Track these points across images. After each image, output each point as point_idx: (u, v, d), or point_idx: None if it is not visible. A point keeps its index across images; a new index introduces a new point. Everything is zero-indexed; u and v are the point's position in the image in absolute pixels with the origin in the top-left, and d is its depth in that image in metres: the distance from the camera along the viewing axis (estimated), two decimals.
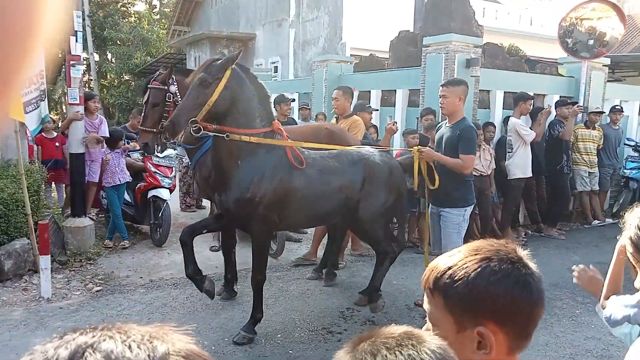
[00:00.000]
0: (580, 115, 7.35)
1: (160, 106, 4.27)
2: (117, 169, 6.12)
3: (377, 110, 7.30)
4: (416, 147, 4.30)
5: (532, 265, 0.98)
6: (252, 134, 3.53)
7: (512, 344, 0.93)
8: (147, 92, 4.35)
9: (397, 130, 5.50)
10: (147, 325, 0.54)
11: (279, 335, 3.89)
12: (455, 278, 0.92)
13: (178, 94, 4.26)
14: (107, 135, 6.31)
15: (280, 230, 5.14)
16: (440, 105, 4.14)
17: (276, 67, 14.83)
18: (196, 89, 3.38)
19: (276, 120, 3.79)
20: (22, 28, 0.38)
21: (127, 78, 21.12)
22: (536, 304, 0.94)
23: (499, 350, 0.90)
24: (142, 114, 4.39)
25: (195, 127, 3.35)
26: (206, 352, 0.52)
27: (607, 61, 8.08)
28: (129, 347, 0.46)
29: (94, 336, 0.48)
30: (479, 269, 0.91)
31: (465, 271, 0.92)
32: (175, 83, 4.30)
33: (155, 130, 4.28)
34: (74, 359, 0.45)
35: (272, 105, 3.94)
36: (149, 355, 0.46)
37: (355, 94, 7.62)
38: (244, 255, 5.07)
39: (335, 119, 5.43)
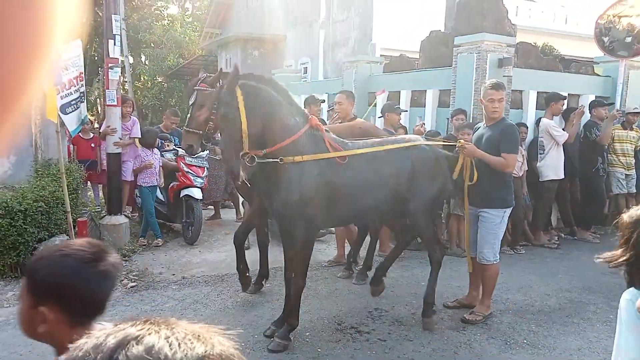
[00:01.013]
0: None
1: (207, 108, 4.25)
2: (155, 170, 6.33)
3: (406, 111, 7.27)
4: (460, 142, 4.22)
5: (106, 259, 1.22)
6: (296, 140, 3.50)
7: (72, 319, 1.16)
8: (194, 94, 4.34)
9: (425, 131, 5.50)
10: (196, 323, 0.56)
11: (307, 334, 3.94)
12: (37, 267, 1.20)
13: None
14: (139, 135, 6.53)
15: (329, 227, 5.11)
16: (494, 109, 4.07)
17: (306, 68, 14.91)
18: (226, 127, 3.41)
19: (312, 116, 3.74)
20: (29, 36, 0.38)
21: (160, 80, 21.57)
22: (88, 290, 1.19)
23: (58, 323, 1.15)
24: (188, 116, 4.38)
25: (248, 158, 3.38)
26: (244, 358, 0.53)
27: None
28: (170, 344, 0.48)
29: (141, 329, 0.51)
30: (52, 262, 1.18)
31: (44, 262, 1.19)
32: None
33: (200, 131, 4.27)
34: (119, 347, 0.48)
35: (302, 105, 3.93)
36: (185, 355, 0.47)
37: (385, 95, 7.62)
38: (272, 255, 5.14)
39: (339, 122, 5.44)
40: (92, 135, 7.07)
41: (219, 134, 4.53)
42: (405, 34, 11.35)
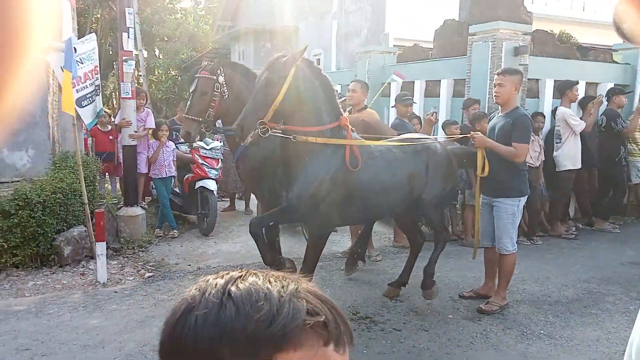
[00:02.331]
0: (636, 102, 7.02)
1: (208, 95, 4.26)
2: (165, 162, 6.37)
3: (415, 103, 7.16)
4: (471, 133, 4.28)
5: None
6: (318, 131, 3.50)
7: None
8: (195, 81, 4.34)
9: (436, 120, 5.44)
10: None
11: None
12: None
13: (225, 85, 4.30)
14: (153, 126, 6.61)
15: (342, 225, 5.05)
16: (495, 94, 4.06)
17: (319, 60, 14.85)
18: (262, 89, 3.36)
19: (344, 115, 3.71)
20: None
21: (173, 73, 21.68)
22: None
23: None
24: (189, 102, 4.38)
25: (263, 128, 3.33)
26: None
27: None
28: (269, 281, 0.60)
29: (242, 273, 0.63)
30: None
31: None
32: (223, 74, 4.31)
33: (200, 119, 4.28)
34: (229, 283, 0.60)
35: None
36: (282, 288, 0.59)
37: (401, 83, 7.55)
38: (287, 245, 5.16)
39: (348, 111, 5.40)
40: (110, 127, 7.14)
41: (220, 122, 4.54)
42: (418, 23, 11.23)
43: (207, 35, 22.20)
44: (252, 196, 6.80)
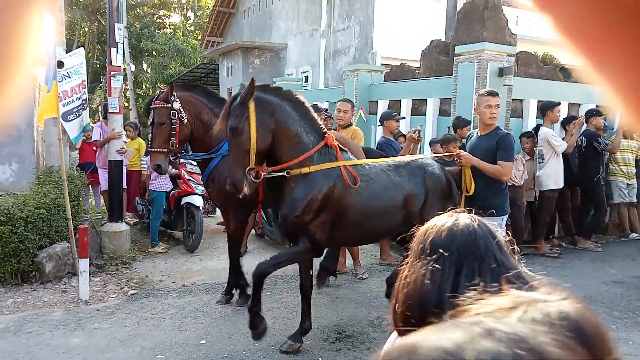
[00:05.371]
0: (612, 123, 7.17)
1: (166, 125, 4.17)
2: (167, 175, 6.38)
3: (404, 118, 7.26)
4: (457, 152, 4.30)
5: None
6: (306, 158, 3.37)
7: None
8: (151, 113, 4.25)
9: (419, 138, 5.34)
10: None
11: (308, 342, 3.92)
12: None
13: (182, 110, 4.20)
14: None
15: (331, 247, 4.81)
16: (492, 115, 4.09)
17: (307, 77, 14.96)
18: (232, 141, 3.25)
19: (329, 133, 3.58)
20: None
21: (161, 88, 21.72)
22: None
23: None
24: (150, 135, 4.30)
25: (254, 174, 3.24)
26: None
27: None
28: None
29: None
30: None
31: None
32: (177, 99, 4.22)
33: (165, 150, 4.20)
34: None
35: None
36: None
37: (386, 102, 7.65)
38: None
39: (334, 129, 5.44)
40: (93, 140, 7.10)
41: (189, 147, 4.50)
42: (405, 42, 11.40)
43: (196, 51, 22.28)
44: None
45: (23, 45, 0.38)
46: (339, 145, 3.61)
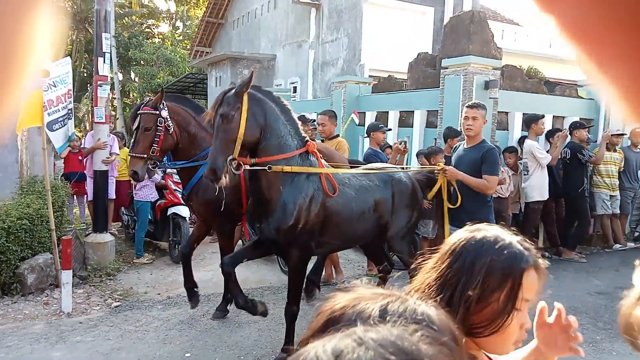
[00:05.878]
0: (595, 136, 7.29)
1: (151, 131, 4.16)
2: (152, 185, 6.34)
3: (390, 129, 7.31)
4: (440, 166, 4.31)
5: None
6: (289, 158, 3.44)
7: None
8: (138, 118, 4.24)
9: (405, 150, 5.37)
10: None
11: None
12: None
13: (169, 119, 4.21)
14: (118, 152, 6.62)
15: (317, 255, 4.92)
16: (468, 127, 4.13)
17: (295, 88, 15.01)
18: (221, 126, 3.26)
19: (311, 142, 3.64)
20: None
21: (150, 96, 21.65)
22: None
23: None
24: (132, 140, 4.26)
25: (235, 165, 3.26)
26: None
27: None
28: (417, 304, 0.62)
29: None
30: None
31: None
32: (166, 108, 4.22)
33: (145, 156, 4.16)
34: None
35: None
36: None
37: (374, 114, 7.69)
38: (259, 274, 5.10)
39: (320, 141, 5.45)
40: (78, 150, 7.04)
41: (172, 155, 4.48)
42: (393, 55, 11.50)
43: (184, 60, 22.26)
44: None
45: (25, 56, 0.38)
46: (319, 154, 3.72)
